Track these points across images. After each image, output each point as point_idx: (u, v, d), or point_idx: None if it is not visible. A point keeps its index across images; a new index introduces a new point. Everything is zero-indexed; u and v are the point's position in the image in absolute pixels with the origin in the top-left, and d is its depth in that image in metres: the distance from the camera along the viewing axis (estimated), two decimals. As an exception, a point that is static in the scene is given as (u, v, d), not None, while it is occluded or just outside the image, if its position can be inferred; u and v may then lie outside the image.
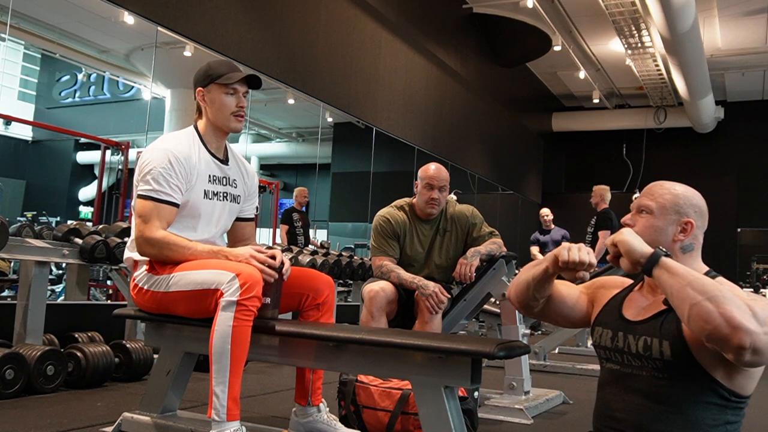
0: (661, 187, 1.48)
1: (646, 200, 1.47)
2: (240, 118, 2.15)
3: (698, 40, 8.35)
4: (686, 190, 1.48)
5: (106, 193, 6.98)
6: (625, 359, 1.41)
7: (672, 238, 1.43)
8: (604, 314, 1.51)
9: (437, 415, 1.69)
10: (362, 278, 5.30)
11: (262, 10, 5.66)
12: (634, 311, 1.45)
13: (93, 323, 3.99)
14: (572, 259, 1.41)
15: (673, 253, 1.41)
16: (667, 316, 1.36)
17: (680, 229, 1.43)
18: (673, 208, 1.44)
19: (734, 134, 12.66)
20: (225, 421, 1.83)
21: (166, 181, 2.00)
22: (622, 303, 1.49)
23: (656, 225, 1.44)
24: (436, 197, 2.91)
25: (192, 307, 1.97)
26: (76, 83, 11.00)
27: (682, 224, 1.43)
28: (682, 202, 1.45)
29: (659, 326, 1.36)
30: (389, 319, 2.80)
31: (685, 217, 1.44)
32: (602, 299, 1.56)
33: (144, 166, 2.03)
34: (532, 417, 3.00)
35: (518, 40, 9.93)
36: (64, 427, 2.40)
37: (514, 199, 12.24)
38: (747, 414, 1.38)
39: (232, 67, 2.15)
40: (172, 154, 2.02)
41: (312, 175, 8.09)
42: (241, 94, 2.13)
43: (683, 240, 1.43)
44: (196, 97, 2.16)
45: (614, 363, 1.44)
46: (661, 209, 1.44)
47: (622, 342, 1.42)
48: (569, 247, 1.44)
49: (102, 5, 4.72)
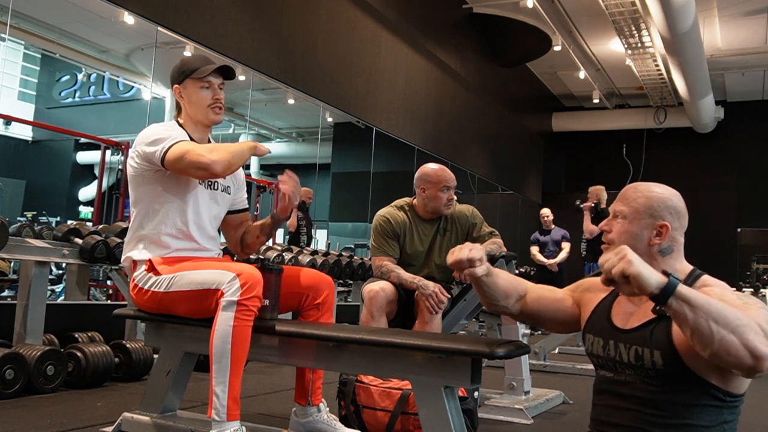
0: (635, 190, 1.46)
1: (620, 205, 1.45)
2: (218, 110, 2.17)
3: (698, 40, 8.35)
4: (663, 191, 1.45)
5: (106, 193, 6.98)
6: (618, 367, 1.40)
7: (648, 243, 1.41)
8: (594, 321, 1.50)
9: (437, 415, 1.69)
10: (362, 278, 5.30)
11: (262, 10, 5.66)
12: (623, 317, 1.43)
13: (93, 323, 3.99)
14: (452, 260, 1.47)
15: (651, 257, 1.40)
16: (656, 324, 1.34)
17: (656, 233, 1.41)
18: (647, 212, 1.42)
19: (734, 134, 12.65)
20: (225, 420, 1.83)
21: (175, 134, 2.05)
22: (611, 308, 1.47)
23: (631, 230, 1.42)
24: (452, 198, 2.96)
25: (192, 307, 1.97)
26: (76, 83, 11.00)
27: (657, 228, 1.41)
28: (656, 205, 1.42)
29: (649, 335, 1.34)
30: (389, 319, 2.80)
31: (660, 220, 1.41)
32: (590, 304, 1.54)
33: (148, 135, 2.04)
34: (532, 417, 3.00)
35: (518, 40, 9.92)
36: (64, 427, 2.40)
37: (514, 199, 12.23)
38: (745, 413, 1.38)
39: (205, 61, 2.16)
40: (171, 124, 2.13)
41: (312, 175, 8.08)
42: (216, 86, 2.15)
43: (660, 243, 1.41)
44: (174, 95, 2.18)
45: (607, 370, 1.43)
46: (635, 214, 1.42)
47: (614, 351, 1.40)
48: (452, 249, 1.48)
49: (102, 5, 4.72)
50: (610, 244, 1.45)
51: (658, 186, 1.46)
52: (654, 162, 12.93)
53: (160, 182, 2.06)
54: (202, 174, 2.00)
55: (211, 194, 2.17)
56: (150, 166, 2.04)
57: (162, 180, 2.06)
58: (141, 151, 2.04)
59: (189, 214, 2.09)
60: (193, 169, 1.97)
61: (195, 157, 1.95)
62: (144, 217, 2.08)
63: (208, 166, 1.94)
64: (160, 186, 2.07)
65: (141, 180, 2.08)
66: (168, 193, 2.07)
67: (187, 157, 1.96)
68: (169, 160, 1.98)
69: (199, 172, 1.98)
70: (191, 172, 1.98)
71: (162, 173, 2.05)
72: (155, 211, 2.07)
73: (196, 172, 1.98)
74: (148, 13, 4.69)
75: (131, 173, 2.09)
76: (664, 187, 1.45)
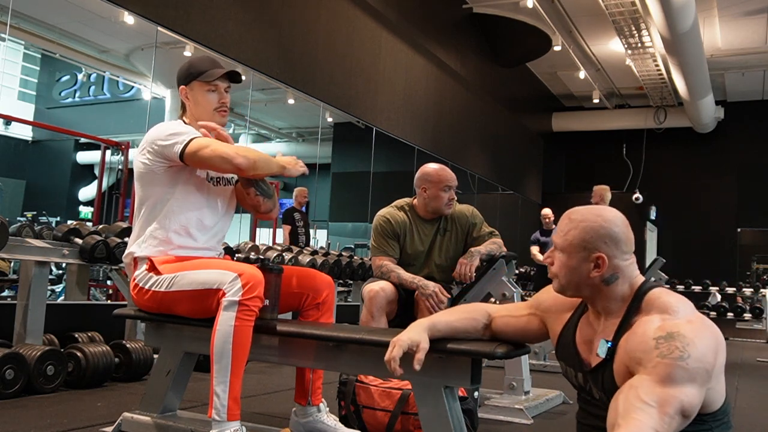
0: (569, 221, 1.39)
1: (557, 237, 1.41)
2: (224, 113, 2.17)
3: (698, 40, 8.35)
4: (594, 219, 1.36)
5: (106, 193, 6.99)
6: (592, 399, 1.39)
7: (587, 275, 1.36)
8: (563, 347, 1.47)
9: (437, 415, 1.69)
10: (362, 278, 5.30)
11: (262, 10, 5.66)
12: (586, 347, 1.41)
13: (93, 323, 3.99)
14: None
15: (594, 288, 1.37)
16: (604, 370, 1.33)
17: (593, 265, 1.35)
18: (580, 245, 1.35)
19: (734, 134, 12.66)
20: (225, 420, 1.83)
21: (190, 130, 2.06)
22: (575, 334, 1.45)
23: (569, 265, 1.38)
24: (453, 197, 2.96)
25: (193, 306, 1.97)
26: (76, 83, 11.00)
27: (593, 260, 1.35)
28: (588, 237, 1.35)
29: (601, 382, 1.34)
30: (389, 319, 2.80)
31: (595, 252, 1.34)
32: (556, 325, 1.51)
33: (163, 130, 2.04)
34: (532, 417, 3.00)
35: (518, 40, 9.92)
36: (64, 427, 2.40)
37: (514, 199, 12.23)
38: (745, 413, 1.38)
39: (213, 64, 2.16)
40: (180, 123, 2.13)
41: (312, 175, 8.09)
42: (222, 90, 2.15)
43: (601, 275, 1.35)
44: (180, 95, 2.18)
45: (583, 398, 1.43)
46: (569, 248, 1.37)
47: (584, 383, 1.40)
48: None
49: (102, 5, 4.72)
50: (555, 277, 1.42)
51: (591, 212, 1.38)
52: (654, 162, 12.93)
53: (170, 180, 2.06)
54: (225, 166, 1.99)
55: (221, 191, 2.17)
56: (164, 162, 2.03)
57: (172, 178, 2.06)
58: (156, 146, 2.03)
59: (195, 213, 2.09)
60: (217, 159, 1.96)
61: (220, 146, 1.98)
62: (150, 214, 2.08)
63: (232, 158, 1.95)
64: (169, 184, 2.07)
65: (151, 177, 2.07)
66: (176, 191, 2.07)
67: (212, 146, 1.98)
68: (190, 152, 1.97)
69: (222, 163, 1.97)
70: (215, 161, 1.98)
71: (173, 171, 2.05)
72: (162, 209, 2.07)
73: (221, 163, 1.98)
74: (148, 13, 4.69)
75: (141, 170, 2.07)
76: (598, 213, 1.37)
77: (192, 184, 2.09)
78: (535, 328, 1.56)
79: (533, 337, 1.59)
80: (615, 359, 1.31)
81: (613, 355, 1.32)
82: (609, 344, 1.32)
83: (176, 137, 2.00)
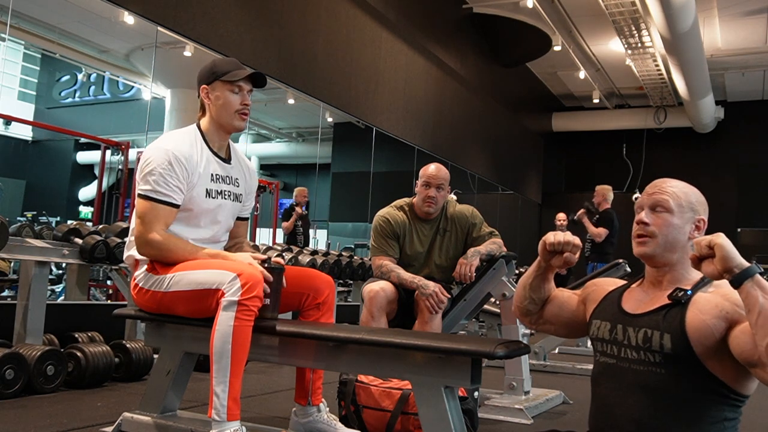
0: (673, 185, 1.46)
1: (663, 196, 1.44)
2: (244, 116, 2.15)
3: (698, 40, 8.35)
4: (692, 187, 1.48)
5: (106, 193, 6.98)
6: (623, 352, 1.40)
7: (688, 236, 1.42)
8: (602, 308, 1.51)
9: (437, 415, 1.69)
10: (362, 278, 5.30)
11: (262, 10, 5.66)
12: (634, 304, 1.44)
13: (93, 323, 3.98)
14: (557, 240, 1.48)
15: (685, 251, 1.42)
16: (670, 309, 1.35)
17: (695, 227, 1.43)
18: (689, 206, 1.44)
19: (734, 134, 12.65)
20: (225, 420, 1.83)
21: (166, 181, 1.99)
22: (621, 297, 1.49)
23: (675, 223, 1.42)
24: (432, 195, 2.92)
25: (193, 306, 1.97)
26: (76, 83, 11.01)
27: (696, 222, 1.43)
28: (694, 200, 1.45)
29: (662, 319, 1.35)
30: (389, 319, 2.80)
31: (698, 214, 1.44)
32: (597, 296, 1.55)
33: (145, 165, 2.03)
34: (532, 417, 3.00)
35: (518, 40, 9.92)
36: (64, 427, 2.40)
37: (514, 199, 12.24)
38: (746, 413, 1.38)
39: (237, 65, 2.14)
40: (173, 154, 2.01)
41: (312, 175, 8.11)
42: (245, 92, 2.12)
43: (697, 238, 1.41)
44: (200, 95, 2.14)
45: (610, 357, 1.43)
46: (679, 207, 1.43)
47: (621, 334, 1.41)
48: (554, 232, 1.50)
49: (102, 5, 4.72)
50: (651, 237, 1.43)
51: (683, 182, 1.48)
52: (654, 162, 12.93)
53: None
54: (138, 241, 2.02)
55: (221, 203, 2.14)
56: None
57: None
58: (137, 180, 2.05)
59: (201, 230, 2.10)
60: (137, 233, 2.01)
61: (146, 227, 1.99)
62: None
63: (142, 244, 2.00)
64: None
65: None
66: None
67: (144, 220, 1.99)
68: (138, 212, 2.02)
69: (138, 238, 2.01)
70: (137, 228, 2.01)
71: None
72: None
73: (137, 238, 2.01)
74: (148, 13, 4.69)
75: (137, 183, 2.08)
76: (688, 185, 1.49)
77: (189, 195, 2.07)
78: (572, 305, 1.61)
79: (567, 315, 1.61)
80: (689, 308, 1.34)
81: (687, 303, 1.35)
82: (689, 292, 1.36)
83: (141, 183, 2.02)
